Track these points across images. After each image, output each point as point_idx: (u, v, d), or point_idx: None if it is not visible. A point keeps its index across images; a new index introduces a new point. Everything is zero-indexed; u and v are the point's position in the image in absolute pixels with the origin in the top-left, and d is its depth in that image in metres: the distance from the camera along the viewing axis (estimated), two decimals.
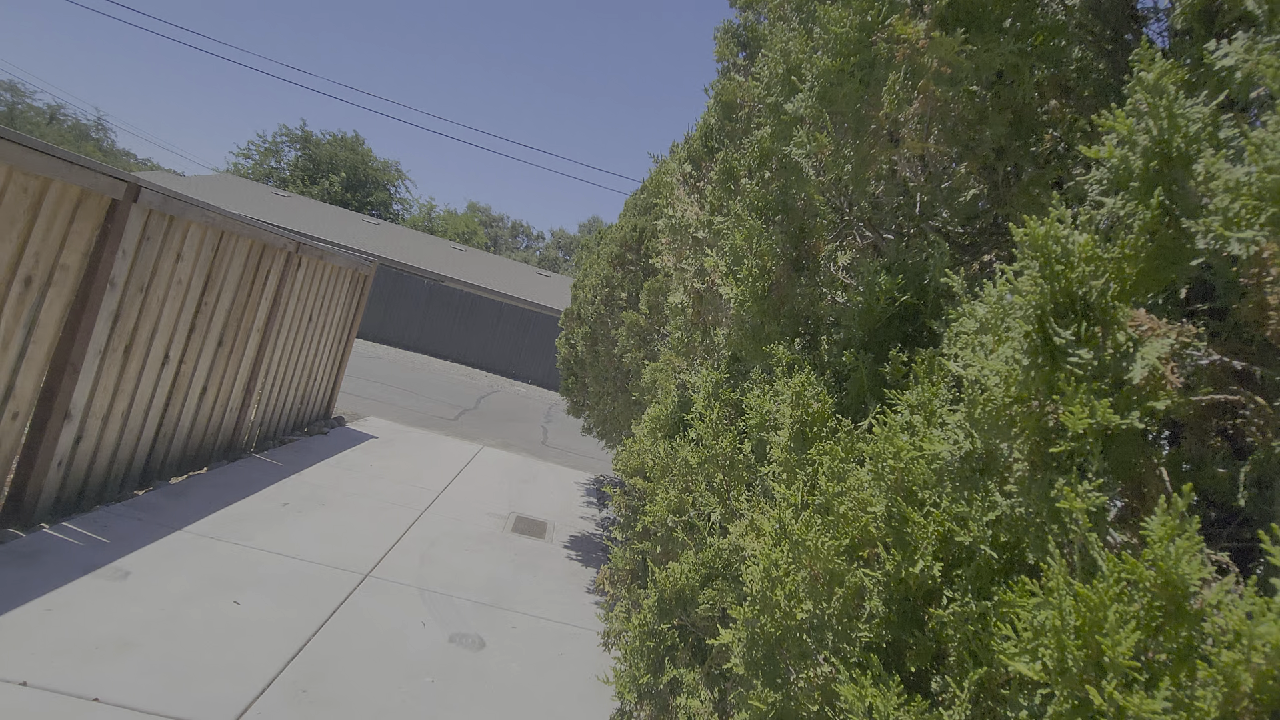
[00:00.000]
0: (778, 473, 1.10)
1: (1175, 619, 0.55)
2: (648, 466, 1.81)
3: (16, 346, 3.77)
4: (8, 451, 3.92)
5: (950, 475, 0.80)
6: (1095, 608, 0.55)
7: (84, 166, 3.89)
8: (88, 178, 3.90)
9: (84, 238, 4.05)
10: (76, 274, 4.07)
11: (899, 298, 1.17)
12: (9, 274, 3.60)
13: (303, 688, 3.31)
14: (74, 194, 3.90)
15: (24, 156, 3.45)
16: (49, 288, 3.89)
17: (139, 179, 4.39)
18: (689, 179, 2.12)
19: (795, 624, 0.88)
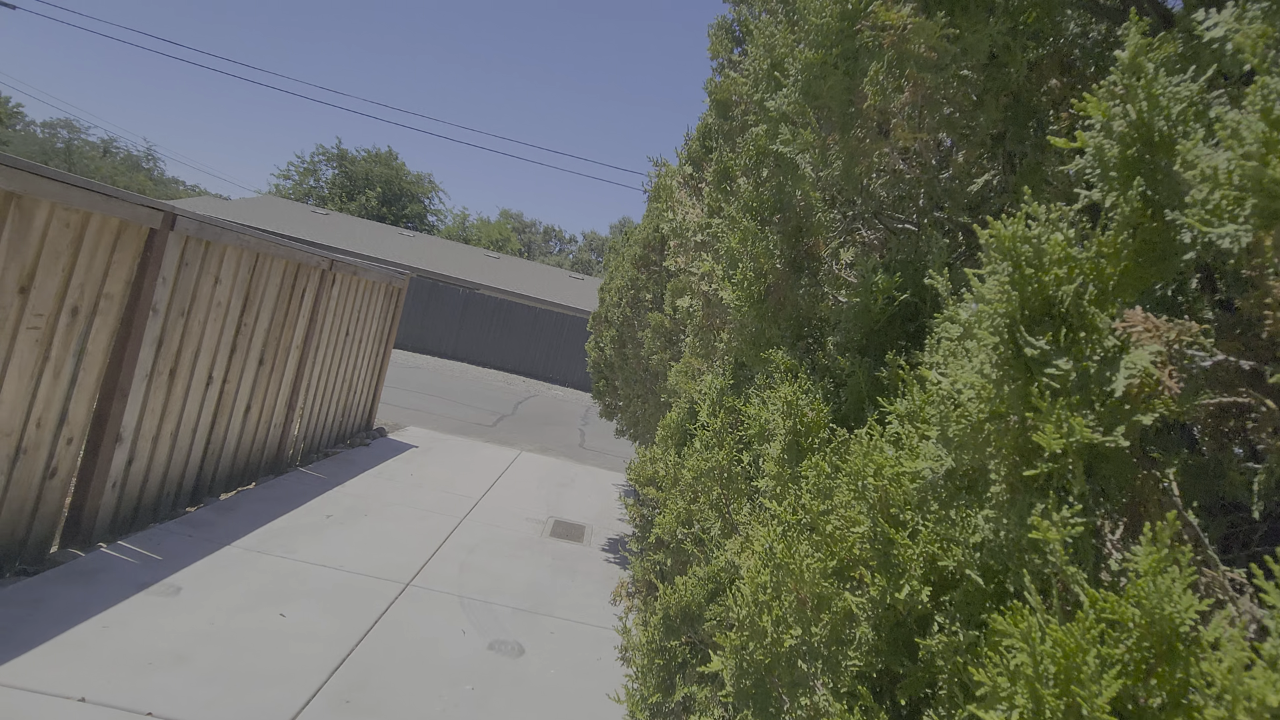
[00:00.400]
0: (771, 487, 1.06)
1: (1167, 660, 0.50)
2: (659, 476, 1.78)
3: (68, 374, 3.95)
4: (65, 475, 4.10)
5: (934, 494, 0.75)
6: (1073, 652, 0.50)
7: (121, 199, 4.04)
8: (125, 209, 4.06)
9: (125, 267, 4.21)
10: (120, 302, 4.23)
11: (898, 296, 1.11)
12: (57, 305, 3.77)
13: (346, 697, 3.38)
14: (114, 225, 4.06)
15: (64, 193, 3.60)
16: (95, 316, 4.06)
17: (175, 207, 4.54)
18: (690, 181, 2.08)
19: (785, 651, 0.84)
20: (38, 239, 3.55)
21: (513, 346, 23.88)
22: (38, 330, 3.67)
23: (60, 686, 2.95)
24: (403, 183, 47.65)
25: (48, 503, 4.00)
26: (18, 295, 3.51)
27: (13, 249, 3.42)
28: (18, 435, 3.69)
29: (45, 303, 3.68)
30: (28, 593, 3.60)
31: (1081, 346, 0.60)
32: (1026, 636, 0.53)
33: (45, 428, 3.87)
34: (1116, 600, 0.51)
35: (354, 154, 46.85)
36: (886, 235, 1.56)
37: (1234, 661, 0.46)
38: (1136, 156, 0.58)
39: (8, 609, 3.41)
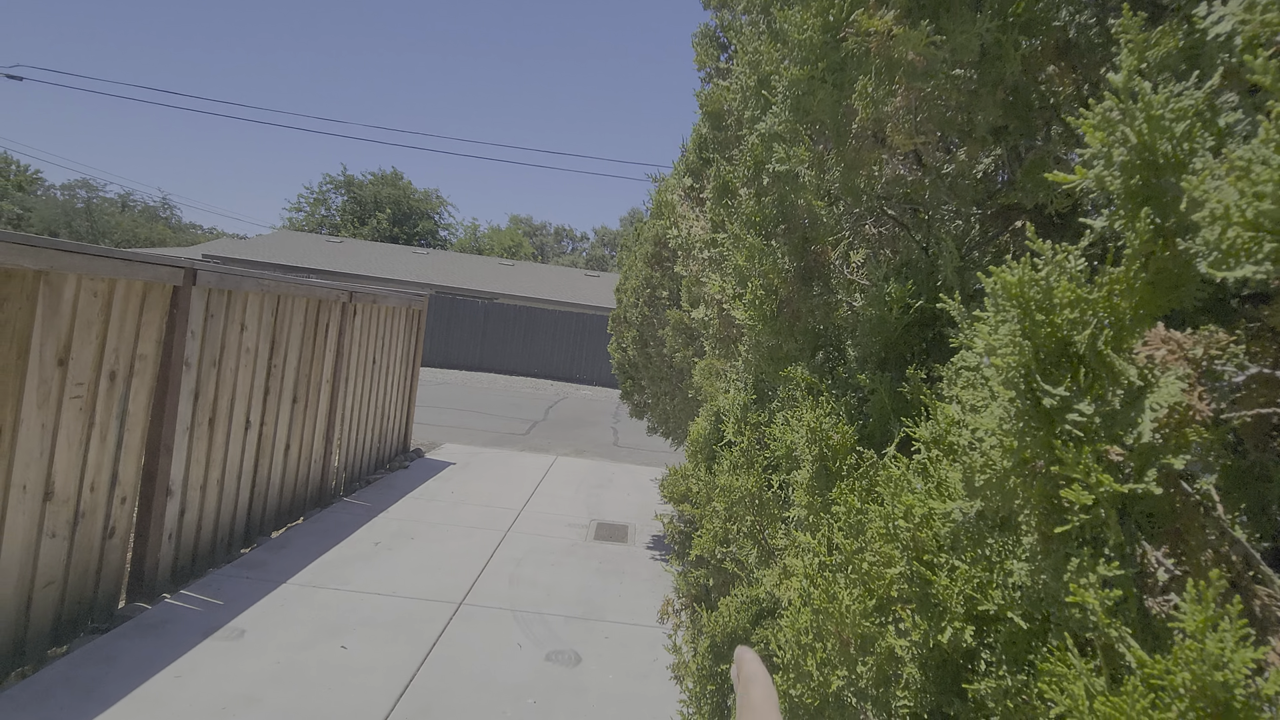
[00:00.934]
0: (803, 517, 1.05)
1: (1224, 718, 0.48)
2: (693, 493, 1.78)
3: (114, 437, 4.08)
4: (123, 533, 4.25)
5: (966, 535, 0.73)
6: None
7: (143, 261, 4.15)
8: (148, 271, 4.16)
9: (155, 326, 4.33)
10: (154, 361, 4.35)
11: (913, 304, 1.09)
12: (95, 373, 3.89)
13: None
14: (139, 288, 4.17)
15: (88, 263, 3.70)
16: (132, 378, 4.18)
17: (194, 262, 4.65)
18: (691, 192, 2.06)
19: (832, 692, 0.84)
20: (69, 311, 3.66)
21: (537, 351, 24.03)
22: (80, 399, 3.79)
23: None
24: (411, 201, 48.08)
25: (110, 561, 4.15)
26: (57, 368, 3.63)
27: (47, 324, 3.53)
28: (74, 501, 3.83)
29: (84, 371, 3.80)
30: (101, 650, 3.74)
31: (1103, 387, 0.58)
32: (1074, 709, 0.51)
33: (99, 490, 4.00)
34: (1165, 665, 0.50)
35: (360, 179, 47.39)
36: (895, 229, 1.52)
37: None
38: (1141, 184, 0.55)
39: (85, 668, 3.55)
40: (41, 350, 3.51)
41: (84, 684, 3.41)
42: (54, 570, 3.74)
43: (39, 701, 3.24)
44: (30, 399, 3.47)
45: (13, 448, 3.41)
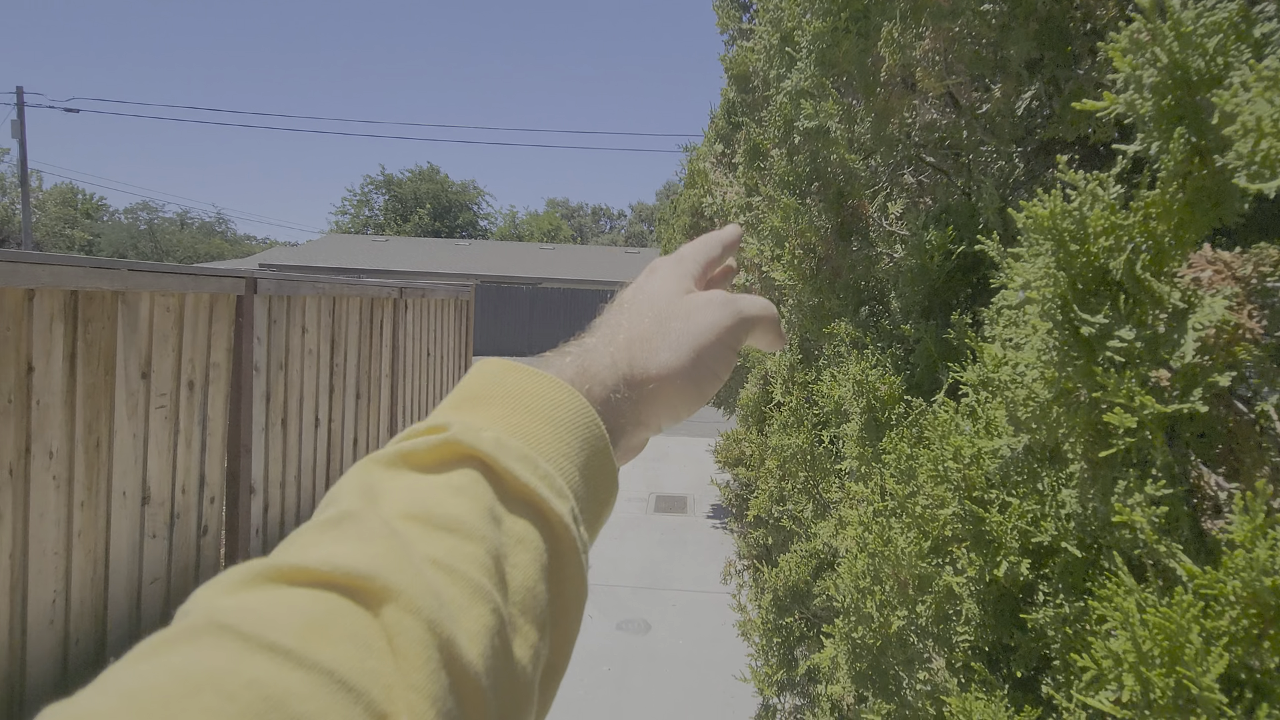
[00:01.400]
0: (855, 468, 1.06)
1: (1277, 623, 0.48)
2: (746, 456, 1.80)
3: (198, 441, 4.35)
4: (215, 530, 4.55)
5: (1016, 470, 0.73)
6: (1174, 633, 0.49)
7: (207, 274, 4.37)
8: (212, 283, 4.39)
9: (224, 335, 4.57)
10: (226, 368, 4.60)
11: (954, 250, 1.08)
12: (174, 383, 4.14)
13: None
14: (206, 300, 4.40)
15: (158, 280, 3.93)
16: (209, 385, 4.43)
17: (254, 272, 4.87)
18: (722, 159, 2.05)
19: (894, 632, 0.86)
20: (146, 327, 3.90)
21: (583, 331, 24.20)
22: (164, 408, 4.05)
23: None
24: (449, 195, 48.79)
25: (206, 558, 4.45)
26: (141, 381, 3.88)
27: (129, 341, 3.77)
28: (169, 503, 4.12)
29: (165, 382, 4.05)
30: None
31: (1144, 312, 0.57)
32: (1125, 622, 0.52)
33: (190, 492, 4.29)
34: (1214, 576, 0.50)
35: (399, 177, 48.30)
36: (933, 176, 1.49)
37: None
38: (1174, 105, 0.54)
39: None
40: (126, 365, 3.76)
41: None
42: (157, 568, 4.05)
43: None
44: (121, 411, 3.73)
45: (110, 457, 3.68)
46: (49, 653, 3.38)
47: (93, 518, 3.60)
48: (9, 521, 3.15)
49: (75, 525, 3.50)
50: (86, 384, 3.55)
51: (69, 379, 3.45)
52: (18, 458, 3.19)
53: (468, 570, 0.31)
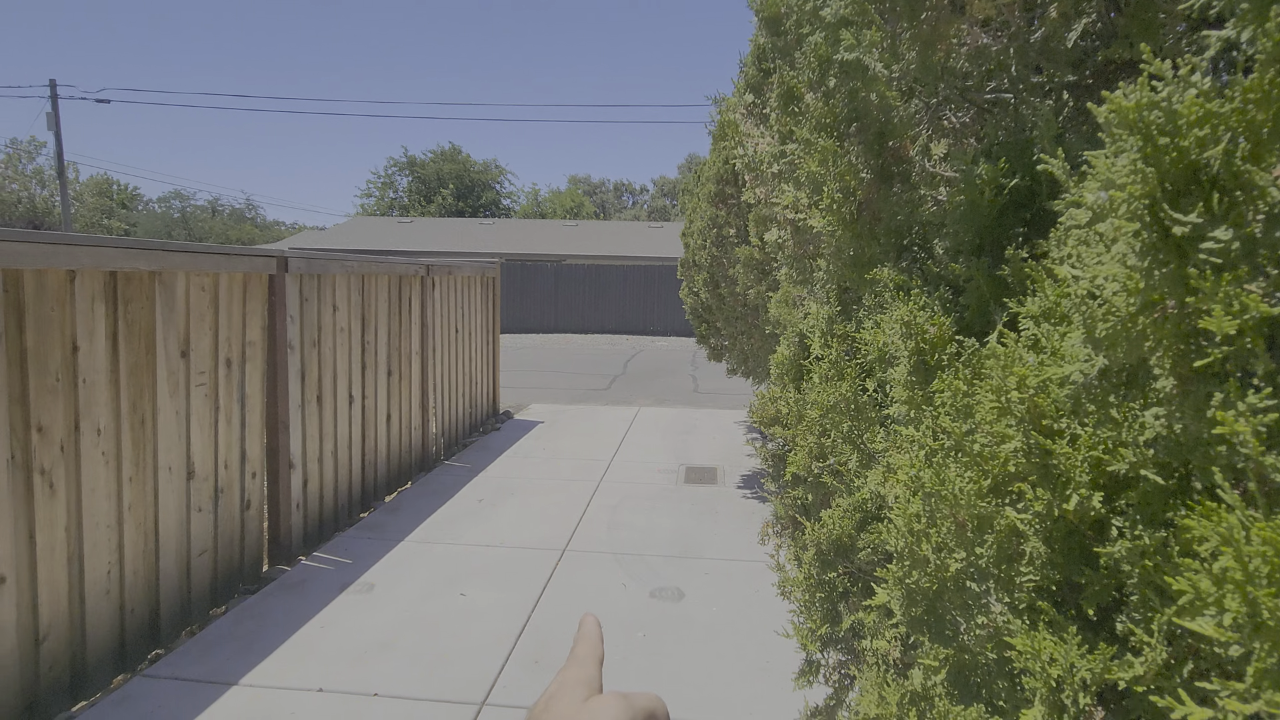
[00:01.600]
0: (903, 412, 1.02)
1: None
2: (783, 414, 1.77)
3: (238, 418, 4.45)
4: (257, 504, 4.67)
5: (1089, 396, 0.69)
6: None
7: (239, 254, 4.43)
8: (245, 262, 4.45)
9: (258, 314, 4.64)
10: (262, 346, 4.68)
11: (1006, 184, 1.02)
12: (213, 362, 4.23)
13: (535, 658, 3.70)
14: (239, 279, 4.47)
15: (192, 260, 3.99)
16: (245, 363, 4.52)
17: (285, 252, 4.92)
18: (753, 109, 1.98)
19: (951, 575, 0.83)
20: (183, 306, 3.98)
21: (609, 308, 24.23)
22: (204, 386, 4.14)
23: (301, 681, 3.43)
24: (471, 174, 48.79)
25: (250, 530, 4.58)
26: (181, 359, 3.97)
27: (167, 320, 3.85)
28: (213, 478, 4.23)
29: (203, 360, 4.13)
30: (254, 608, 4.17)
31: (1241, 210, 0.52)
32: (1229, 538, 0.49)
33: (232, 468, 4.40)
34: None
35: (421, 158, 48.41)
36: (978, 114, 1.42)
37: None
38: None
39: (243, 623, 3.98)
40: (165, 344, 3.85)
41: (243, 638, 3.83)
42: (205, 541, 4.17)
43: (209, 654, 3.67)
44: (163, 388, 3.83)
45: (155, 433, 3.79)
46: (107, 621, 3.52)
47: (141, 492, 3.72)
48: (63, 496, 3.27)
49: (125, 499, 3.62)
50: (129, 363, 3.64)
51: (112, 358, 3.54)
52: (68, 434, 3.29)
53: None
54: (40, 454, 3.14)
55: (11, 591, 3.02)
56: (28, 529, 3.10)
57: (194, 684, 3.40)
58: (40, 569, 3.15)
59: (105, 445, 3.50)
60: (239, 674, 3.47)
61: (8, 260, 2.96)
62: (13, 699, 3.04)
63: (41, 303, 3.15)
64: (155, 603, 3.83)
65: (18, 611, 3.05)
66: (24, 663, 3.10)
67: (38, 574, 3.14)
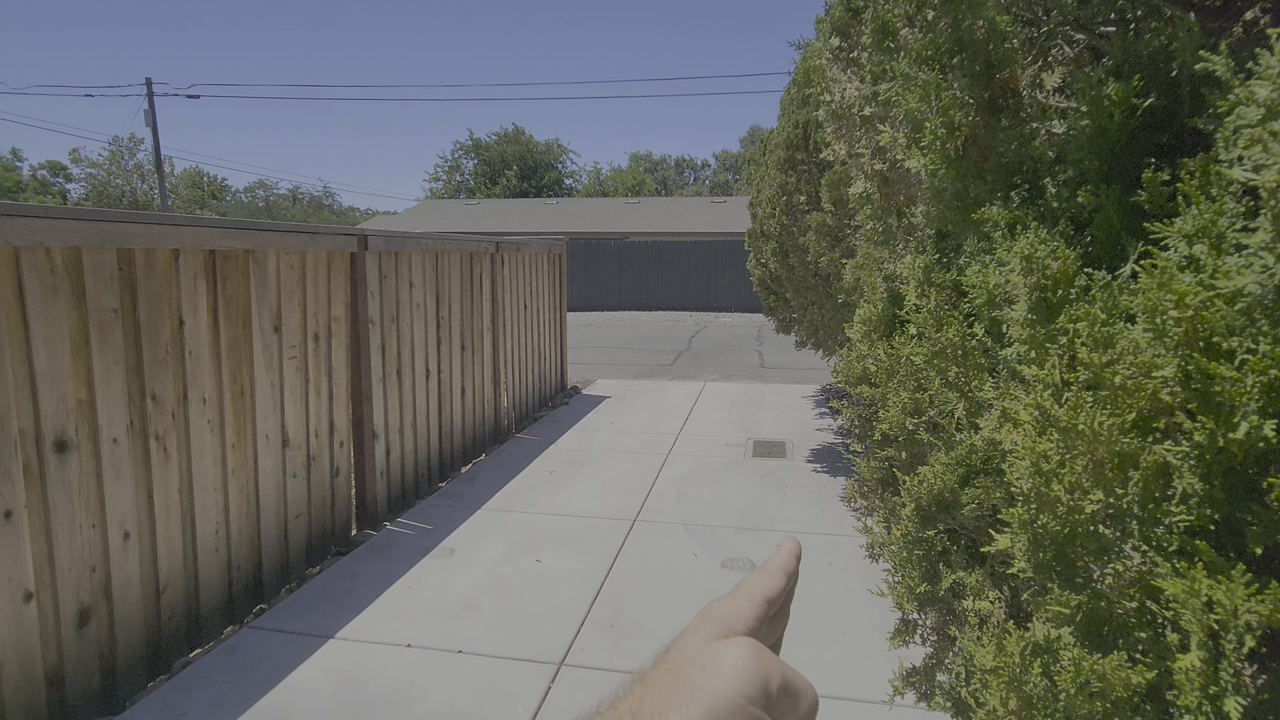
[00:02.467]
0: (1023, 353, 0.95)
1: None
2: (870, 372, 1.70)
3: (325, 390, 4.67)
4: (345, 472, 4.91)
5: (1264, 310, 0.61)
6: None
7: (323, 233, 4.62)
8: (329, 241, 4.63)
9: (342, 290, 4.84)
10: (345, 322, 4.89)
11: (1139, 104, 0.92)
12: (302, 336, 4.44)
13: (609, 623, 3.77)
14: (324, 257, 4.66)
15: (281, 239, 4.19)
16: (331, 338, 4.73)
17: (365, 230, 5.10)
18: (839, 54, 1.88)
19: (1085, 518, 0.77)
20: (274, 283, 4.19)
21: (673, 284, 24.14)
22: (295, 359, 4.36)
23: (391, 637, 3.61)
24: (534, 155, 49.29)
25: (339, 496, 4.83)
26: (274, 334, 4.18)
27: (260, 297, 4.06)
28: (305, 446, 4.47)
29: (293, 335, 4.35)
30: (346, 568, 4.41)
31: None
32: None
33: (321, 437, 4.63)
34: None
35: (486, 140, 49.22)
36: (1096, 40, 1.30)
37: None
38: None
39: (336, 583, 4.22)
40: (260, 319, 4.06)
41: (338, 595, 4.06)
42: (299, 505, 4.43)
43: (307, 610, 3.90)
44: (259, 361, 4.05)
45: (253, 403, 4.02)
46: (216, 576, 3.80)
47: (242, 458, 3.97)
48: (175, 460, 3.52)
49: (229, 464, 3.87)
50: (229, 336, 3.86)
51: (213, 332, 3.77)
52: (178, 403, 3.54)
53: None
54: (155, 421, 3.39)
55: (135, 547, 3.29)
56: (147, 490, 3.36)
57: (295, 636, 3.63)
58: (158, 527, 3.41)
59: (210, 414, 3.74)
60: (335, 629, 3.68)
61: (122, 240, 3.18)
62: (139, 644, 3.33)
63: (151, 280, 3.37)
64: (258, 561, 4.10)
65: (140, 565, 3.33)
66: (147, 612, 3.38)
67: (156, 531, 3.40)
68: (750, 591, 0.44)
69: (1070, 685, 0.71)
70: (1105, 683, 0.70)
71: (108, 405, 3.13)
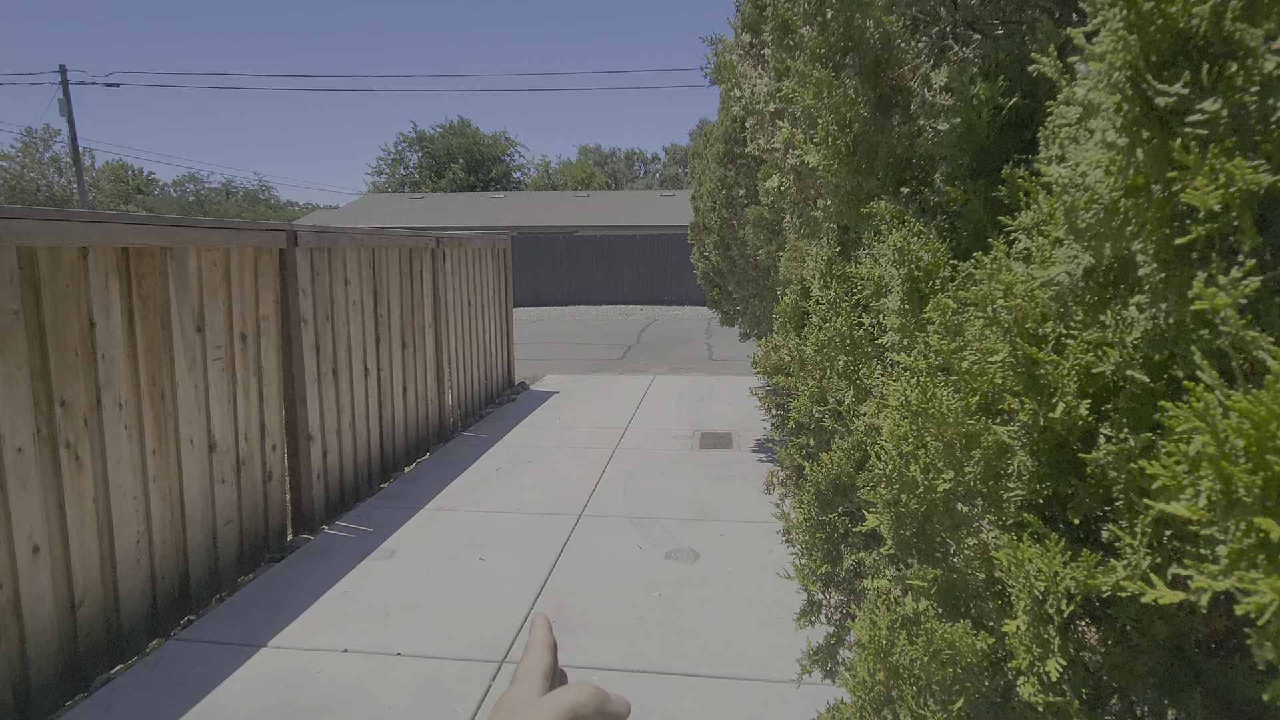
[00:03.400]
0: (896, 340, 1.00)
1: None
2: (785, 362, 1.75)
3: (255, 391, 4.52)
4: (279, 475, 4.76)
5: (1075, 299, 0.66)
6: (1264, 420, 0.43)
7: (249, 228, 4.45)
8: (255, 237, 4.47)
9: (270, 288, 4.68)
10: (275, 320, 4.73)
11: (1005, 104, 0.97)
12: (228, 336, 4.28)
13: (553, 618, 3.76)
14: (250, 254, 4.50)
15: (203, 235, 4.02)
16: (260, 338, 4.57)
17: (294, 225, 4.94)
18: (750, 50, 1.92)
19: (939, 496, 0.81)
20: (196, 282, 4.02)
21: (623, 278, 24.15)
22: (220, 360, 4.20)
23: (327, 642, 3.53)
24: (481, 148, 48.48)
25: (273, 501, 4.68)
26: (196, 334, 4.02)
27: (180, 295, 3.90)
28: (234, 450, 4.32)
29: (218, 335, 4.19)
30: (280, 575, 4.28)
31: (1230, 79, 0.49)
32: (1204, 415, 0.46)
33: (252, 440, 4.48)
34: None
35: (430, 132, 48.16)
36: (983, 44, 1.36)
37: None
38: None
39: (270, 590, 4.09)
40: (180, 319, 3.90)
41: (272, 602, 3.94)
42: (229, 511, 4.28)
43: (239, 619, 3.78)
44: (180, 363, 3.89)
45: (175, 407, 3.86)
46: (138, 588, 3.64)
47: (165, 464, 3.81)
48: (89, 468, 3.35)
49: (150, 471, 3.70)
50: (146, 338, 3.69)
51: (129, 333, 3.60)
52: (91, 409, 3.36)
53: None
54: (65, 428, 3.22)
55: (45, 560, 3.12)
56: (58, 501, 3.20)
57: (225, 646, 3.51)
58: (72, 539, 3.25)
59: (127, 419, 3.57)
60: (267, 637, 3.58)
61: (22, 237, 3.00)
62: (52, 661, 3.16)
63: (56, 280, 3.20)
64: (185, 570, 3.94)
65: (53, 579, 3.16)
66: (62, 627, 3.22)
67: (69, 544, 3.24)
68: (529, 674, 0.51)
69: (924, 654, 0.76)
70: (955, 650, 0.74)
71: (10, 413, 2.96)
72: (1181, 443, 0.50)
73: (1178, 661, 0.67)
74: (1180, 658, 0.67)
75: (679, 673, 3.28)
